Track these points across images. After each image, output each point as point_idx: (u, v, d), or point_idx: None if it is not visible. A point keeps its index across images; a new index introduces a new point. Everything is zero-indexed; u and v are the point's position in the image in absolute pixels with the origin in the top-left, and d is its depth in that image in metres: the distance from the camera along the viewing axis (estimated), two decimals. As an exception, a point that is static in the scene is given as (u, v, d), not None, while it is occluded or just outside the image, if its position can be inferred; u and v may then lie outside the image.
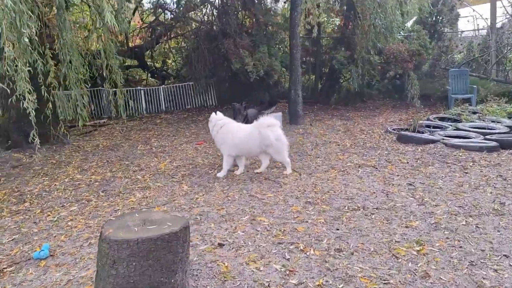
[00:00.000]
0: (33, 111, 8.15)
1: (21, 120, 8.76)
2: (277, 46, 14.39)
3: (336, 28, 15.01)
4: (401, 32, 14.14)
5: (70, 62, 8.98)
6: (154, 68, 15.77)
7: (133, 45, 14.64)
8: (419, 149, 7.43)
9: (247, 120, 7.53)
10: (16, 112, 8.69)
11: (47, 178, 6.83)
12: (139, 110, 14.17)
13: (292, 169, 6.51)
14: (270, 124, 6.22)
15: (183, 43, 14.96)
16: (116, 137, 10.25)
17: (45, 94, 8.07)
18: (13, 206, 5.60)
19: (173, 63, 16.38)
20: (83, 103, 9.14)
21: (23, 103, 8.76)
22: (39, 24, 7.50)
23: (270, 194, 5.46)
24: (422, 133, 8.49)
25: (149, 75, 16.04)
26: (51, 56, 8.53)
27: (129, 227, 3.07)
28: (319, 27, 9.99)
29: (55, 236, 4.51)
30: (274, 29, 13.67)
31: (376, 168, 6.50)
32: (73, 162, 7.81)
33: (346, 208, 4.92)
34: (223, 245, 4.06)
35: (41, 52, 7.47)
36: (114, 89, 14.20)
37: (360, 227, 4.37)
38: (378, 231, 4.29)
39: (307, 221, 4.57)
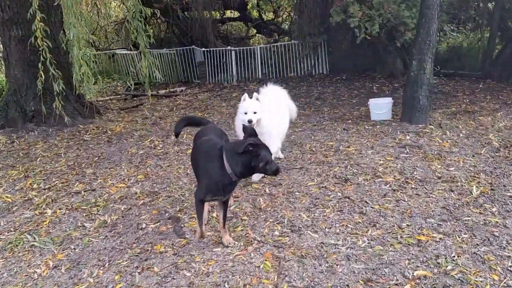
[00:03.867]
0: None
1: (19, 91, 7.32)
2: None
3: None
4: None
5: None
6: (260, 21, 12.89)
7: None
8: None
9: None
10: (14, 81, 7.26)
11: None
12: (228, 77, 11.73)
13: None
14: None
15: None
16: (147, 118, 8.06)
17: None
18: None
19: (284, 15, 13.17)
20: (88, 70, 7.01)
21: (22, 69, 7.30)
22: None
23: None
24: None
25: (254, 30, 13.29)
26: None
27: None
28: None
29: None
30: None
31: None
32: (37, 160, 5.91)
33: None
34: None
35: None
36: (205, 49, 12.10)
37: None
38: None
39: None
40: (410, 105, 6.46)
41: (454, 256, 2.98)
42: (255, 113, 4.31)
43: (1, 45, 6.98)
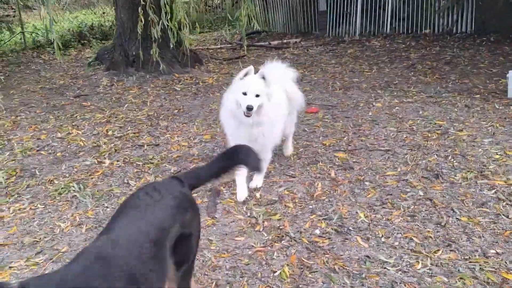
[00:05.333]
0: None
1: (124, 35, 7.57)
2: None
3: None
4: None
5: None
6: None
7: None
8: None
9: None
10: (120, 24, 7.53)
11: (37, 131, 5.44)
12: (350, 30, 10.75)
13: None
14: None
15: None
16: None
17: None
18: None
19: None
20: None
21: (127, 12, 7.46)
22: None
23: None
24: None
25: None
26: None
27: None
28: None
29: None
30: None
31: None
32: (124, 106, 6.10)
33: None
34: None
35: None
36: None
37: None
38: None
39: None
40: None
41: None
42: (257, 96, 3.20)
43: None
